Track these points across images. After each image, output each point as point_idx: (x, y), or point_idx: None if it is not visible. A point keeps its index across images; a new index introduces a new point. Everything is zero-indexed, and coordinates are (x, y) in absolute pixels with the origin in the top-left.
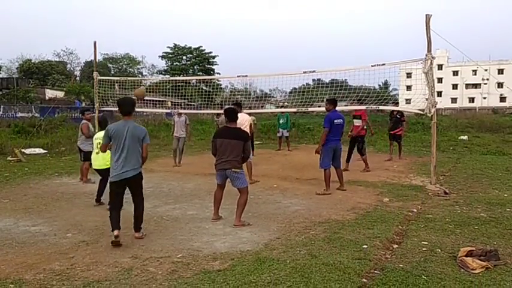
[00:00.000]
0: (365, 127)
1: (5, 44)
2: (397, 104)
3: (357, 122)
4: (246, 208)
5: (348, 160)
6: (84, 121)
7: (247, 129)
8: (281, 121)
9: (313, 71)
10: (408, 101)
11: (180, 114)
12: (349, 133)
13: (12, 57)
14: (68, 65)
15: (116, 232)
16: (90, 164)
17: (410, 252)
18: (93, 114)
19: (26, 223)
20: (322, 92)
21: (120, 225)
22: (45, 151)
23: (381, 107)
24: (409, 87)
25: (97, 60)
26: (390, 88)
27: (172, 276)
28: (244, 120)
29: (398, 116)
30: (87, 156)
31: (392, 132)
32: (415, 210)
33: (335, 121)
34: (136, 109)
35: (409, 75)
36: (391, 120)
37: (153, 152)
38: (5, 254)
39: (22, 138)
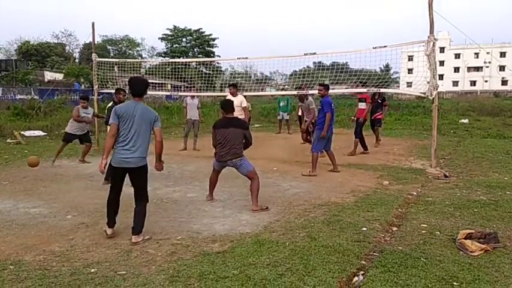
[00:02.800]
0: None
1: (3, 25)
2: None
3: (362, 105)
4: (245, 191)
5: (364, 144)
6: (77, 106)
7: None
8: (281, 104)
9: (314, 53)
10: (409, 84)
11: (193, 96)
12: (352, 117)
13: (10, 39)
14: (67, 47)
15: (109, 231)
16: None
17: (410, 235)
18: (87, 104)
19: (25, 205)
20: (323, 75)
21: (116, 220)
22: (44, 133)
23: (382, 90)
24: (410, 70)
25: (96, 42)
26: (391, 71)
27: (171, 258)
28: (239, 101)
29: (379, 101)
30: (67, 137)
31: (371, 117)
32: (414, 193)
33: (331, 106)
34: None
35: (410, 58)
36: (371, 104)
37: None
38: (4, 236)
39: (21, 121)
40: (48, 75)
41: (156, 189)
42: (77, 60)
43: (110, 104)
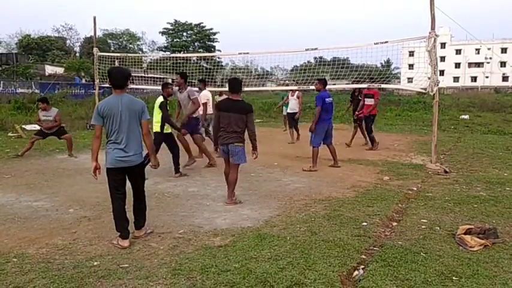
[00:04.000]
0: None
1: (4, 18)
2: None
3: (369, 101)
4: (247, 185)
5: (372, 139)
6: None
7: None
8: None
9: (316, 49)
10: (410, 79)
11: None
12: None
13: (11, 33)
14: (68, 41)
15: (126, 243)
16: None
17: (410, 230)
18: (46, 106)
19: (28, 198)
20: (324, 70)
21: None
22: None
23: (383, 85)
24: (411, 66)
25: (97, 36)
26: (392, 66)
27: (173, 252)
28: (204, 96)
29: (360, 98)
30: (39, 132)
31: (354, 115)
32: (415, 189)
33: (326, 100)
34: (136, 86)
35: (411, 53)
36: (352, 102)
37: None
38: (7, 229)
39: (22, 115)
40: (49, 69)
41: (157, 184)
42: (77, 54)
43: (161, 100)
